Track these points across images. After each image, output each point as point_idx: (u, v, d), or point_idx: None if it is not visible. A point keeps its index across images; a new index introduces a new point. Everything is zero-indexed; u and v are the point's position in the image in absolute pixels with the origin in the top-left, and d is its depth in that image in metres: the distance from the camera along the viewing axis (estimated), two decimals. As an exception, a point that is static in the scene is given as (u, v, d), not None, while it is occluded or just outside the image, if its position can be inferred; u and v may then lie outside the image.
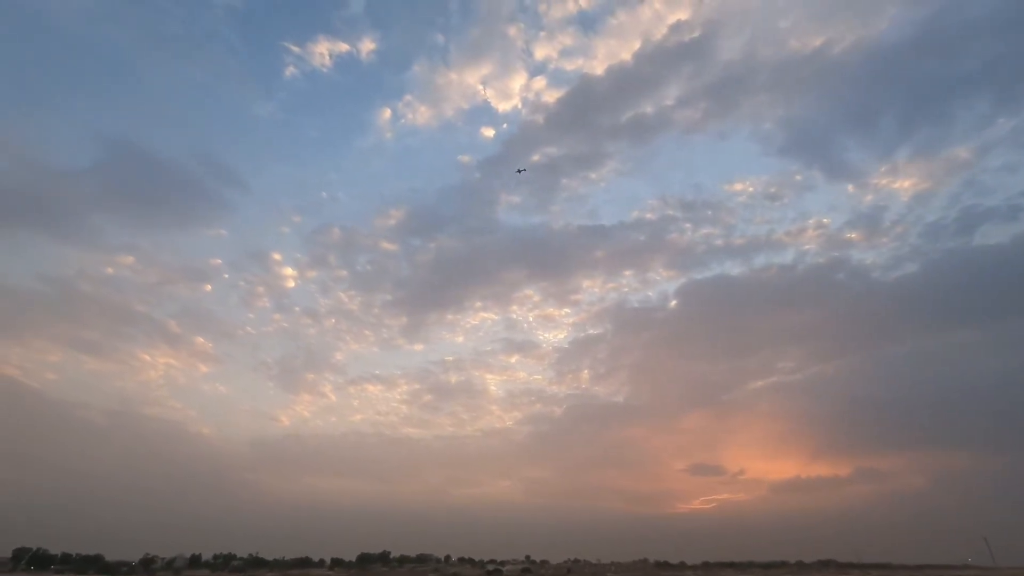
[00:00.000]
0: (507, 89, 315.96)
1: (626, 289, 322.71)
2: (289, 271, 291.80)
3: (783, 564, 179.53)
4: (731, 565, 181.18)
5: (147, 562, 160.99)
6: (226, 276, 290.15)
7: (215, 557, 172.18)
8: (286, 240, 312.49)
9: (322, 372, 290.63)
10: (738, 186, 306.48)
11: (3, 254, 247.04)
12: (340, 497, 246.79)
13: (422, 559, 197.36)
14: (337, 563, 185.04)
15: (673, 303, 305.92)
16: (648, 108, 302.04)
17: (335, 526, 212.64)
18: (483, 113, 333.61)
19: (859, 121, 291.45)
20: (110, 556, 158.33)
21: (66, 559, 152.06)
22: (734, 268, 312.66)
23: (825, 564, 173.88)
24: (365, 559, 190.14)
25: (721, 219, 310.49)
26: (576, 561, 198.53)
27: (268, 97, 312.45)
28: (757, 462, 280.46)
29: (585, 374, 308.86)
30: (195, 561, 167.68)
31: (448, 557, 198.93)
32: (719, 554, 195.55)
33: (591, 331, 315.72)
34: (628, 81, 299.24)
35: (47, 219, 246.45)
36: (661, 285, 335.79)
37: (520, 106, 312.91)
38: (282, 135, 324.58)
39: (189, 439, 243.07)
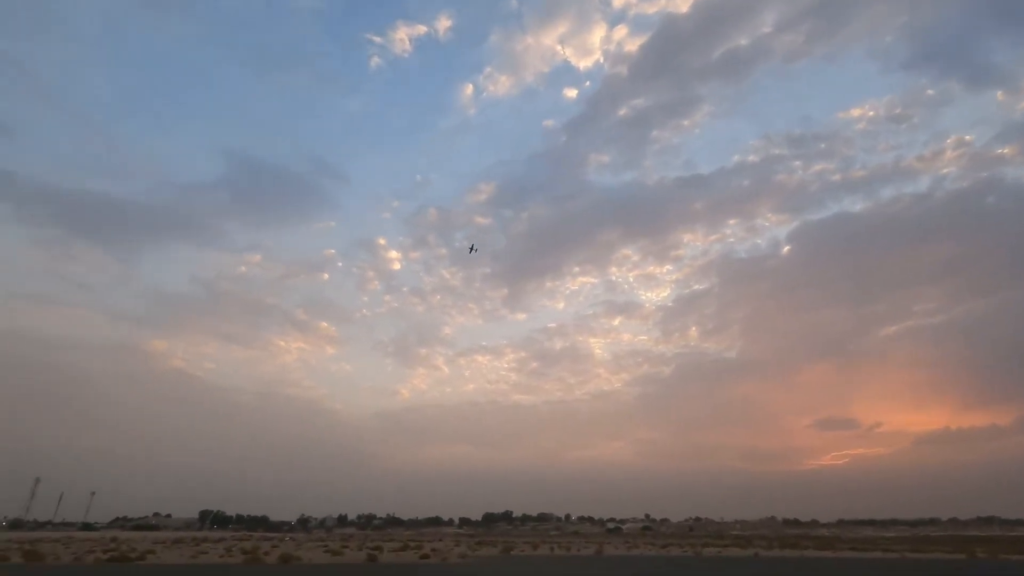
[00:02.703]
0: (586, 44, 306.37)
1: (731, 239, 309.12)
2: (394, 254, 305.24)
3: (933, 521, 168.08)
4: (870, 522, 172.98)
5: (303, 521, 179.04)
6: (339, 264, 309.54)
7: (359, 517, 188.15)
8: (388, 225, 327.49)
9: (433, 346, 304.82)
10: (855, 112, 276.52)
11: (160, 263, 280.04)
12: (460, 462, 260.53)
13: (543, 518, 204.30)
14: (465, 522, 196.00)
15: (786, 249, 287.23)
16: (742, 40, 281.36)
17: (458, 489, 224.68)
18: (564, 74, 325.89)
19: (1007, 14, 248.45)
20: (273, 517, 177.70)
21: (239, 519, 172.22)
22: (855, 204, 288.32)
23: (987, 521, 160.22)
24: (490, 518, 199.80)
25: (837, 151, 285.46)
26: (698, 520, 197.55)
27: (357, 91, 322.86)
28: (896, 414, 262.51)
29: (693, 331, 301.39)
30: (342, 520, 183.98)
31: (568, 516, 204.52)
32: (855, 511, 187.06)
33: (696, 287, 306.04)
34: (717, 13, 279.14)
35: (188, 229, 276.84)
36: (770, 232, 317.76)
37: (601, 60, 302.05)
38: (373, 126, 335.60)
39: (324, 414, 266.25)
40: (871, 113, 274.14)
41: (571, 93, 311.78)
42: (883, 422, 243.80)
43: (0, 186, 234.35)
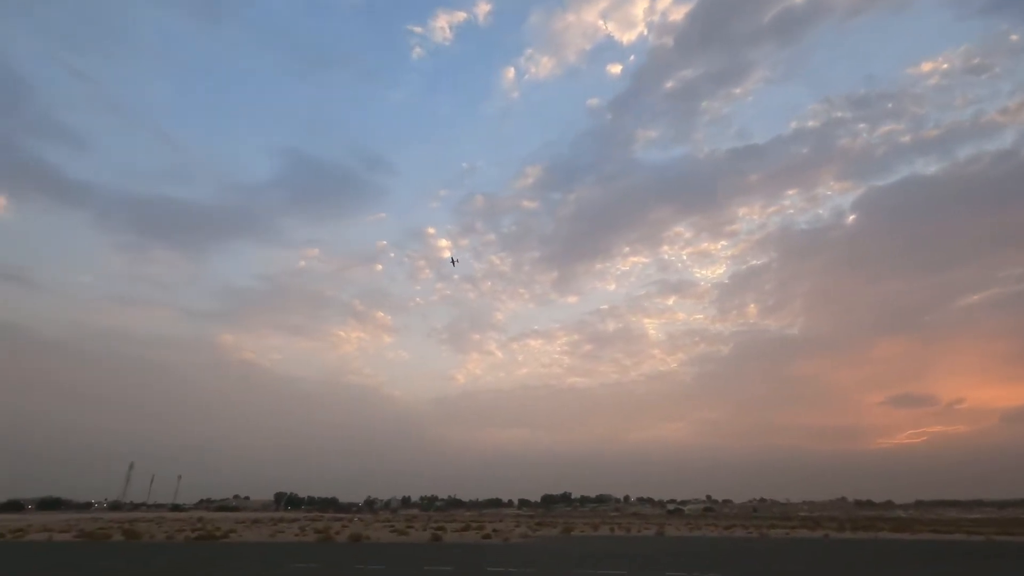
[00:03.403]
0: (629, 17, 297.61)
1: (791, 211, 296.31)
2: (444, 242, 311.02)
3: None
4: (953, 504, 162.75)
5: (370, 503, 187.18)
6: (392, 255, 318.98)
7: (421, 498, 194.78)
8: (437, 214, 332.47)
9: (486, 332, 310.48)
10: (926, 66, 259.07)
11: (227, 261, 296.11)
12: (518, 445, 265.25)
13: (602, 499, 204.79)
14: (524, 503, 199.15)
15: (851, 218, 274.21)
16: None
17: (517, 471, 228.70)
18: (607, 50, 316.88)
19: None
20: (342, 499, 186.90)
21: (311, 501, 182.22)
22: (928, 167, 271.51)
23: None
24: (549, 500, 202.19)
25: (905, 111, 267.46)
26: (762, 501, 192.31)
27: (401, 83, 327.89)
28: (980, 389, 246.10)
29: (751, 308, 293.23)
30: (406, 502, 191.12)
31: (627, 497, 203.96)
32: (934, 492, 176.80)
33: (753, 262, 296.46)
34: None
35: (251, 228, 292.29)
36: (833, 200, 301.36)
37: (645, 32, 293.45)
38: (419, 116, 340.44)
39: (384, 400, 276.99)
40: (945, 66, 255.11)
41: (615, 69, 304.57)
42: (964, 398, 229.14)
43: (80, 196, 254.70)
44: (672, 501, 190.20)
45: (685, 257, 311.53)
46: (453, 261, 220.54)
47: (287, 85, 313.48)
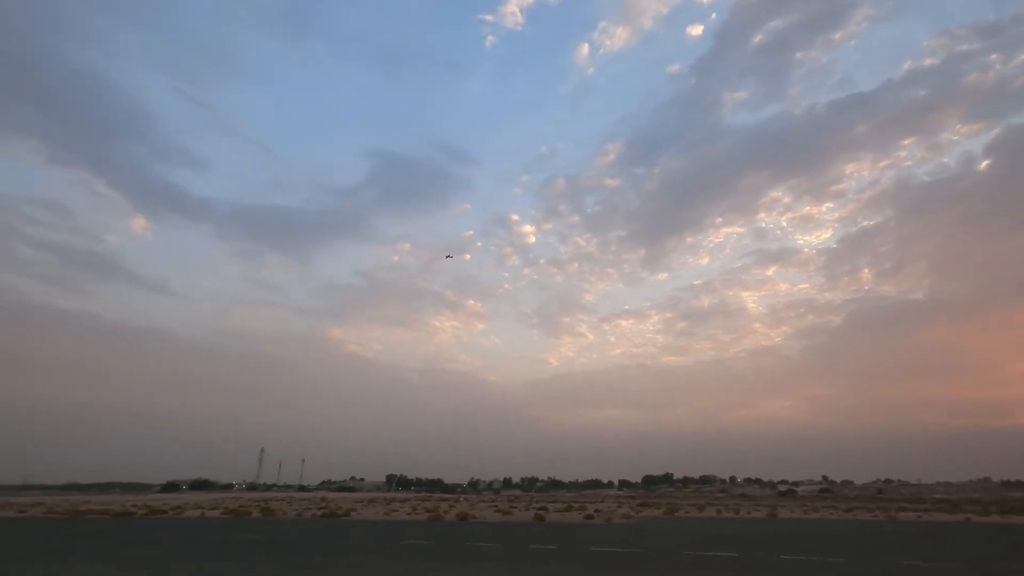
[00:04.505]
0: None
1: (908, 163, 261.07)
2: (528, 228, 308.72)
3: None
4: None
5: (473, 484, 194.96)
6: (479, 244, 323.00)
7: (522, 480, 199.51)
8: (520, 200, 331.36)
9: (575, 314, 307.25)
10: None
11: (329, 261, 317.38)
12: (615, 425, 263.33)
13: (706, 480, 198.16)
14: (624, 484, 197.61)
15: (983, 165, 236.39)
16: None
17: (614, 452, 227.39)
18: (685, 11, 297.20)
19: None
20: (447, 480, 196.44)
21: (419, 482, 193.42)
22: None
23: None
24: (649, 480, 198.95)
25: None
26: (888, 481, 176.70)
27: (475, 72, 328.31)
28: None
29: (865, 273, 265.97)
30: (507, 483, 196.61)
31: (733, 478, 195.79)
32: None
33: (865, 223, 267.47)
34: None
35: (347, 228, 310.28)
36: (961, 146, 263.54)
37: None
38: (495, 104, 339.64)
39: (480, 385, 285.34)
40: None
41: (696, 31, 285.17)
42: None
43: (203, 211, 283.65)
44: (783, 482, 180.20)
45: (785, 223, 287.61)
46: (448, 256, 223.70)
47: (371, 88, 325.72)
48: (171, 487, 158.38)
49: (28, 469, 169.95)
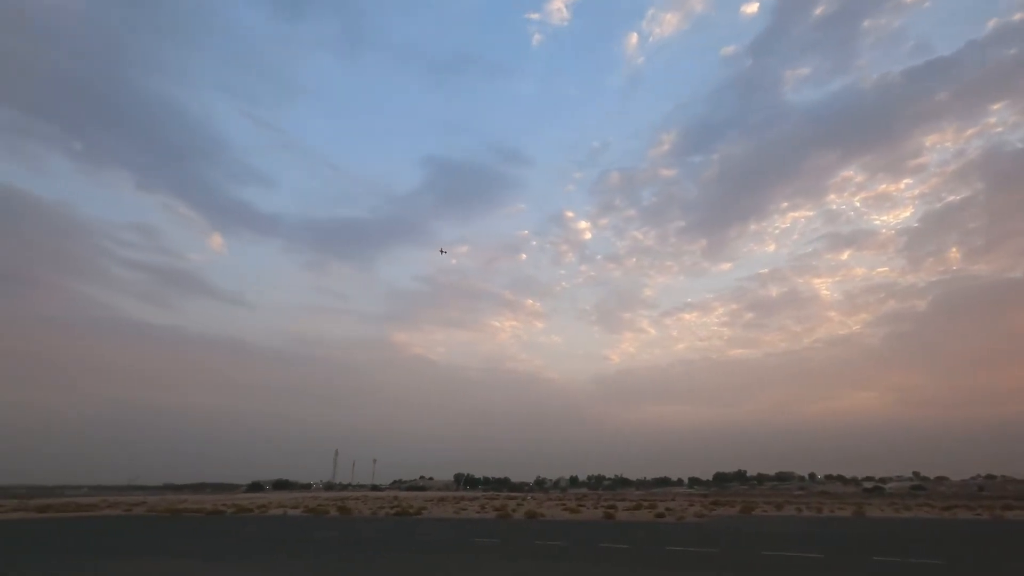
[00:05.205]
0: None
1: (998, 129, 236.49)
2: (583, 224, 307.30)
3: None
4: None
5: (540, 482, 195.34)
6: (534, 243, 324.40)
7: (588, 478, 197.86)
8: (574, 197, 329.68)
9: (636, 310, 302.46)
10: None
11: (392, 267, 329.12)
12: (680, 422, 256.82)
13: (782, 477, 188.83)
14: (695, 482, 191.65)
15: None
16: None
17: (682, 448, 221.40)
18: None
19: None
20: (513, 478, 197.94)
21: (486, 481, 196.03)
22: None
23: None
24: (721, 478, 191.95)
25: None
26: (989, 477, 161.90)
27: (524, 72, 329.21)
28: None
29: (953, 253, 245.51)
30: (574, 481, 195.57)
31: (813, 475, 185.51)
32: None
33: (951, 198, 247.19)
34: None
35: (406, 234, 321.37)
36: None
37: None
38: (545, 102, 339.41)
39: (543, 383, 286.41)
40: None
41: (750, 8, 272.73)
42: None
43: (273, 226, 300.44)
44: (869, 479, 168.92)
45: (858, 204, 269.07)
46: (441, 251, 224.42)
47: (424, 96, 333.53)
48: (255, 487, 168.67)
49: (133, 471, 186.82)
